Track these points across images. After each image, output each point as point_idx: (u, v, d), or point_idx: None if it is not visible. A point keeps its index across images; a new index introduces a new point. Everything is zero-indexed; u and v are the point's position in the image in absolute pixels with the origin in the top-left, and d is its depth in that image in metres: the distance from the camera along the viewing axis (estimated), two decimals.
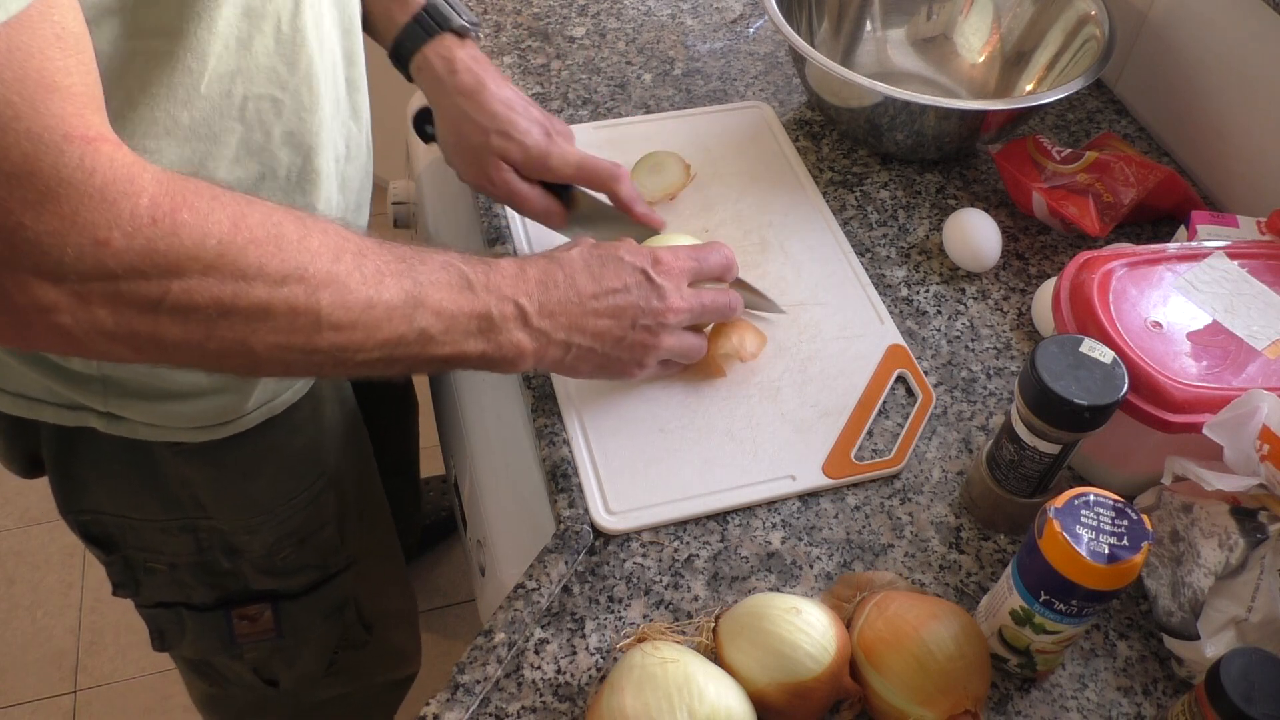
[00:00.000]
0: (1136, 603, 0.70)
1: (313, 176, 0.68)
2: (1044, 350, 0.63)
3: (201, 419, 0.72)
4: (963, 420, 0.79)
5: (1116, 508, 0.58)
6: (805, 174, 0.97)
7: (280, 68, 0.62)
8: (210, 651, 0.92)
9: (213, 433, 0.74)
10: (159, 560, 0.83)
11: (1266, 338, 0.70)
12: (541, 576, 0.68)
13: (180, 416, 0.71)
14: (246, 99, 0.61)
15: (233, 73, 0.59)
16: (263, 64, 0.60)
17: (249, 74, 0.60)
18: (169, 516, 0.79)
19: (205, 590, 0.86)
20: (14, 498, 1.72)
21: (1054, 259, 0.91)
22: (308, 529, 0.85)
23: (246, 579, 0.85)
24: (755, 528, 0.72)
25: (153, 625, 0.90)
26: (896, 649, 0.60)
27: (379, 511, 0.99)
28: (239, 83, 0.60)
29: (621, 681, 0.58)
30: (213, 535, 0.81)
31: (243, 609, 0.87)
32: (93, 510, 0.79)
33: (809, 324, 0.84)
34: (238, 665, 0.94)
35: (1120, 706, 0.65)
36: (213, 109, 0.59)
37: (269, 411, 0.76)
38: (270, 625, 0.89)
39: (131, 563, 0.83)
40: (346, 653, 0.98)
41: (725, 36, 1.12)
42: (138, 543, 0.82)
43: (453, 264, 0.61)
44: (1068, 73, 0.96)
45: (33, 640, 1.58)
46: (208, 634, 0.89)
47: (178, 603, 0.86)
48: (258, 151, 0.63)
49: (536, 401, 0.78)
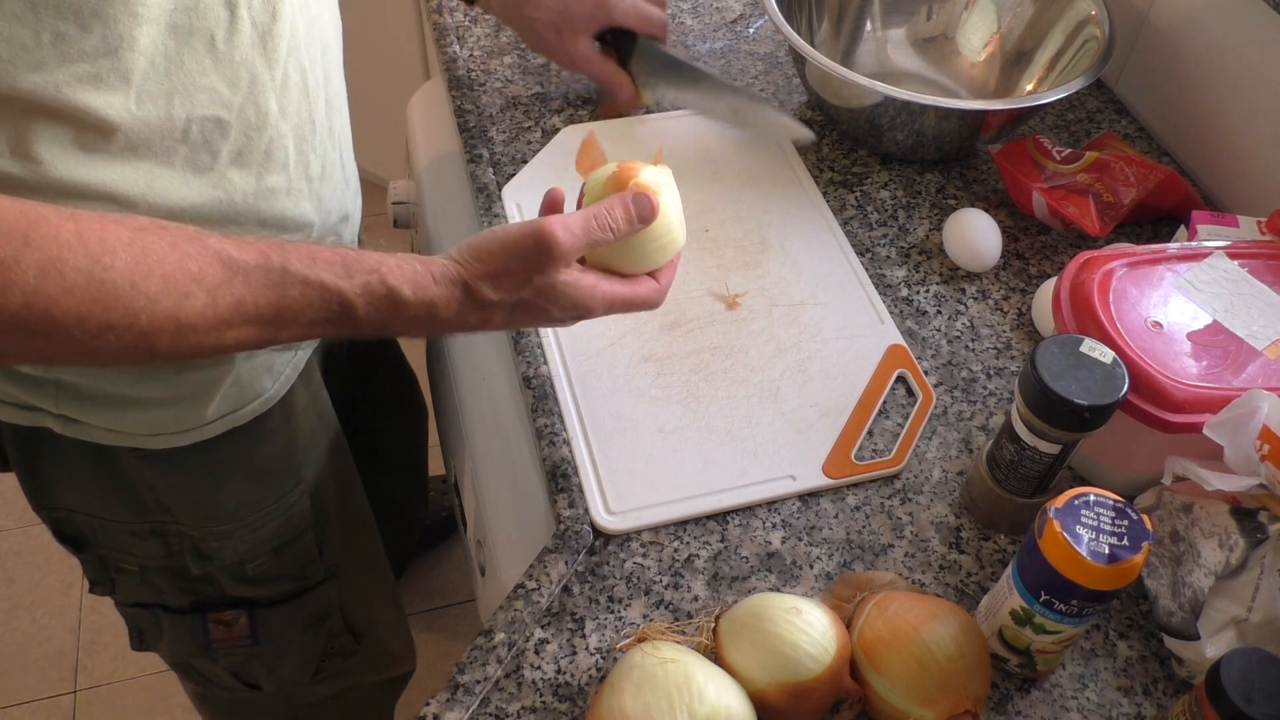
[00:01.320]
0: (1136, 603, 0.70)
1: (269, 196, 0.67)
2: (1044, 350, 0.63)
3: (159, 427, 0.71)
4: (963, 420, 0.79)
5: (1117, 508, 0.58)
6: (805, 174, 0.97)
7: (221, 87, 0.60)
8: (187, 654, 0.91)
9: (173, 440, 0.72)
10: (129, 562, 0.82)
11: (1266, 338, 0.70)
12: (541, 576, 0.68)
13: (136, 423, 0.70)
14: (190, 121, 0.59)
15: (168, 92, 0.58)
16: (200, 84, 0.59)
17: (187, 93, 0.59)
18: (136, 520, 0.78)
19: (179, 594, 0.85)
20: (14, 498, 1.71)
21: (1054, 259, 0.91)
22: (281, 538, 0.84)
23: (221, 584, 0.84)
24: (755, 528, 0.72)
25: (131, 624, 0.89)
26: (896, 649, 0.60)
27: (363, 523, 0.98)
28: (178, 103, 0.58)
29: (621, 681, 0.58)
30: (182, 540, 0.80)
31: (218, 614, 0.86)
32: (64, 509, 0.79)
33: (809, 324, 0.84)
34: (216, 669, 0.93)
35: (1120, 706, 0.65)
36: (150, 130, 0.58)
37: (232, 422, 0.74)
38: (246, 632, 0.88)
39: (105, 562, 0.82)
40: (335, 661, 0.97)
41: (725, 36, 1.12)
42: (110, 543, 0.81)
43: (345, 299, 0.56)
44: (1068, 73, 0.96)
45: (33, 640, 1.58)
46: (183, 637, 0.88)
47: (154, 604, 0.86)
48: (205, 172, 0.62)
49: (536, 401, 0.78)
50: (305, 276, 0.55)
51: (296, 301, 0.55)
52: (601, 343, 0.82)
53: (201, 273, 0.52)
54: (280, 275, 0.54)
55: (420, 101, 1.16)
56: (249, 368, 0.73)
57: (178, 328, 0.51)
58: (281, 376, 0.77)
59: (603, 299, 0.64)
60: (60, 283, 0.47)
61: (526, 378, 0.80)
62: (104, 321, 0.49)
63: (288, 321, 0.55)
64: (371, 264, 0.57)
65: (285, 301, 0.54)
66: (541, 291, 0.62)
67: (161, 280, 0.50)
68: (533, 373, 0.80)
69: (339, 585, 0.92)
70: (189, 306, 0.51)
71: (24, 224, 0.46)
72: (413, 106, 1.17)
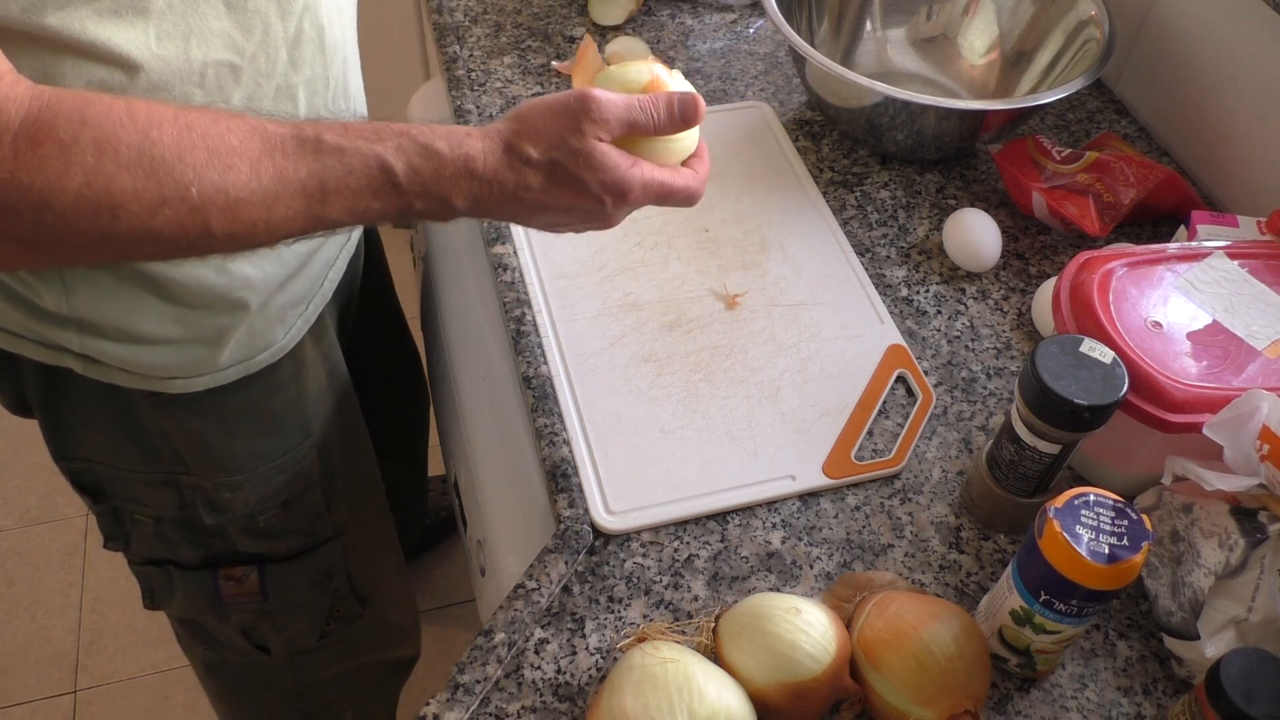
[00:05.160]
0: (1136, 603, 0.70)
1: None
2: (1044, 350, 0.63)
3: (174, 369, 0.73)
4: (963, 420, 0.79)
5: (1116, 508, 0.58)
6: (805, 174, 0.97)
7: (235, 33, 0.62)
8: (198, 611, 0.93)
9: (188, 384, 0.74)
10: (144, 513, 0.84)
11: (1266, 338, 0.70)
12: (541, 576, 0.68)
13: (154, 364, 0.72)
14: (206, 64, 0.61)
15: (185, 34, 0.59)
16: (215, 28, 0.61)
17: (203, 36, 0.60)
18: (151, 469, 0.80)
19: (191, 549, 0.86)
20: (14, 498, 1.72)
21: (1054, 259, 0.91)
22: (291, 491, 0.86)
23: (232, 539, 0.86)
24: (755, 528, 0.72)
25: (143, 582, 0.91)
26: (896, 649, 0.60)
27: (371, 486, 0.99)
28: (195, 45, 0.60)
29: (621, 681, 0.58)
30: (195, 491, 0.82)
31: (229, 570, 0.88)
32: (83, 459, 0.80)
33: (809, 324, 0.84)
34: (227, 628, 0.94)
35: (1120, 706, 0.65)
36: (170, 71, 0.59)
37: (245, 369, 0.76)
38: (256, 588, 0.89)
39: (120, 514, 0.84)
40: (340, 624, 0.98)
41: (725, 36, 1.12)
42: (125, 493, 0.82)
43: (384, 160, 0.57)
44: (1068, 73, 0.96)
45: (33, 640, 1.58)
46: (195, 593, 0.89)
47: (166, 560, 0.87)
48: None
49: (536, 401, 0.78)
50: (340, 144, 0.56)
51: (336, 170, 0.56)
52: (601, 343, 0.82)
53: (242, 146, 0.53)
54: (315, 144, 0.55)
55: (420, 101, 1.16)
56: (262, 317, 0.75)
57: (228, 201, 0.53)
58: (293, 329, 0.79)
59: (640, 180, 0.63)
60: (115, 159, 0.49)
61: (526, 378, 0.80)
62: (158, 196, 0.50)
63: (331, 192, 0.56)
64: (401, 128, 0.59)
65: (325, 171, 0.55)
66: (579, 155, 0.61)
67: (206, 153, 0.52)
68: (533, 373, 0.80)
69: (345, 545, 0.93)
70: (234, 179, 0.53)
71: (80, 103, 0.49)
72: (413, 106, 1.17)
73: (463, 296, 0.96)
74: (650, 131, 0.63)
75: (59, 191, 0.48)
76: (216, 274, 0.70)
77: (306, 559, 0.91)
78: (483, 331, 0.92)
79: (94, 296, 0.67)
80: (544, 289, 0.85)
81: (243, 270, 0.71)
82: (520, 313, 0.84)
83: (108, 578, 1.64)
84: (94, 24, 0.55)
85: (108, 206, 0.50)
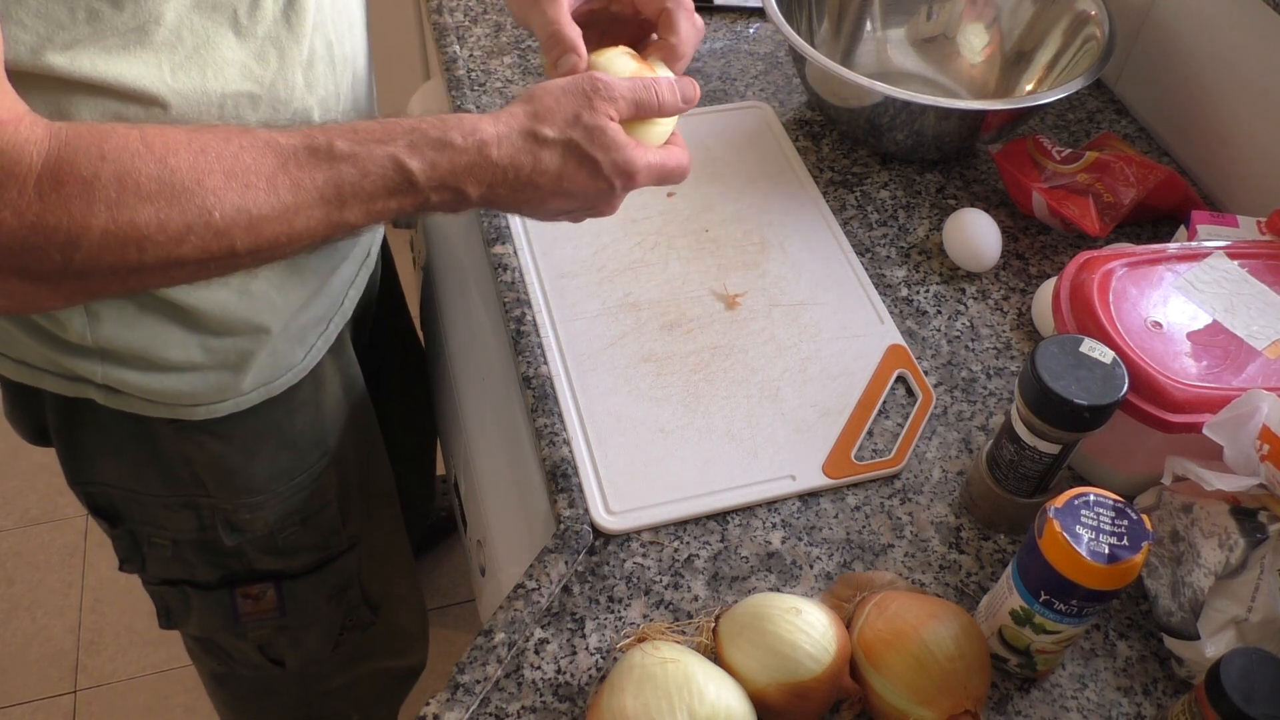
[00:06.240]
0: (1136, 603, 0.70)
1: None
2: (1044, 350, 0.63)
3: (198, 396, 0.73)
4: (963, 420, 0.79)
5: (1116, 508, 0.58)
6: (805, 174, 0.97)
7: (250, 63, 0.62)
8: (215, 630, 0.92)
9: (211, 410, 0.74)
10: (162, 536, 0.83)
11: (1266, 338, 0.70)
12: (541, 576, 0.68)
13: (176, 392, 0.72)
14: (225, 96, 0.61)
15: (201, 66, 0.59)
16: (229, 58, 0.60)
17: (219, 68, 0.60)
18: (171, 493, 0.80)
19: (208, 569, 0.86)
20: (14, 498, 1.72)
21: (1054, 259, 0.91)
22: (310, 509, 0.86)
23: (250, 559, 0.86)
24: (755, 528, 0.72)
25: (159, 602, 0.90)
26: (896, 649, 0.60)
27: (385, 496, 0.99)
28: (211, 77, 0.60)
29: (621, 681, 0.58)
30: (214, 514, 0.82)
31: (246, 588, 0.88)
32: (100, 483, 0.80)
33: (809, 324, 0.84)
34: (243, 645, 0.94)
35: (1120, 706, 0.65)
36: (189, 105, 0.59)
37: (267, 392, 0.76)
38: (274, 604, 0.89)
39: (137, 537, 0.84)
40: (353, 633, 0.98)
41: (725, 36, 1.12)
42: (143, 516, 0.82)
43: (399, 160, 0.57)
44: (1068, 73, 0.96)
45: (33, 640, 1.58)
46: (212, 612, 0.89)
47: (182, 580, 0.87)
48: None
49: (536, 401, 0.78)
50: (353, 149, 0.56)
51: (351, 175, 0.56)
52: (601, 343, 0.82)
53: (257, 163, 0.53)
54: (328, 152, 0.56)
55: (420, 101, 1.17)
56: (284, 339, 0.75)
57: (249, 220, 0.53)
58: (313, 349, 0.79)
59: (644, 163, 0.64)
60: (137, 192, 0.50)
61: (526, 378, 0.80)
62: (182, 224, 0.51)
63: (348, 197, 0.56)
64: (411, 123, 0.59)
65: (341, 178, 0.56)
66: (591, 133, 0.61)
67: (224, 175, 0.52)
68: (533, 373, 0.80)
69: (359, 556, 0.93)
70: (253, 197, 0.53)
71: (97, 138, 0.49)
72: (413, 106, 1.17)
73: (463, 297, 0.96)
74: (654, 112, 0.64)
75: (85, 230, 0.49)
76: (239, 298, 0.69)
77: (323, 572, 0.90)
78: (483, 331, 0.92)
79: (119, 325, 0.67)
80: (544, 289, 0.85)
81: (265, 293, 0.71)
82: (520, 313, 0.84)
83: (108, 578, 1.64)
84: (104, 61, 0.55)
85: (134, 240, 0.50)
